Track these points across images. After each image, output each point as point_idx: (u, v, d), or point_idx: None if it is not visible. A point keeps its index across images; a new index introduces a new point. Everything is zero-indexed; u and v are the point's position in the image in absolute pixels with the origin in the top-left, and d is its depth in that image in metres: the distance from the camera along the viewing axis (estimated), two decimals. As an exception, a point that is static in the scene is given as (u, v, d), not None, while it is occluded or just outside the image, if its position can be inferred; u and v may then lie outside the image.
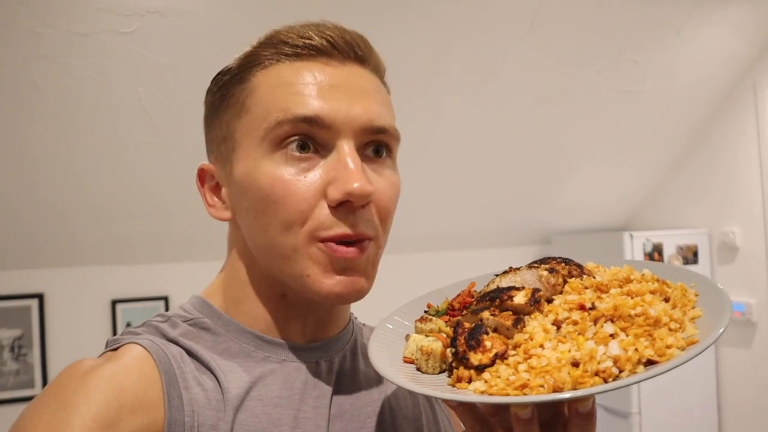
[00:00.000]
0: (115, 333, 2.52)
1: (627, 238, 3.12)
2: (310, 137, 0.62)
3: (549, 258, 0.64)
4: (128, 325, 2.67)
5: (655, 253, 3.15)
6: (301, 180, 0.61)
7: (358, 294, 0.64)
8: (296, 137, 0.61)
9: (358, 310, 0.84)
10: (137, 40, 1.99)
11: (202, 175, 0.71)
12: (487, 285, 0.63)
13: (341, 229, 0.61)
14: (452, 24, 2.31)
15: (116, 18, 1.92)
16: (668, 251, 3.19)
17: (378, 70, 0.69)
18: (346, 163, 0.60)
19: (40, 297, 2.57)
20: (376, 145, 0.65)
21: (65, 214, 2.42)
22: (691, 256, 3.22)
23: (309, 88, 0.62)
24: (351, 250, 0.61)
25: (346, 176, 0.60)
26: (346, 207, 0.61)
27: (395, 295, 0.80)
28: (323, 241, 0.61)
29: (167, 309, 2.69)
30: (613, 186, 3.49)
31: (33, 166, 2.22)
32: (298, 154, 0.61)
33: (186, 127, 2.21)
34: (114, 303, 2.68)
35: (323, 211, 0.61)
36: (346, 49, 0.64)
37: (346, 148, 0.61)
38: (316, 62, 0.63)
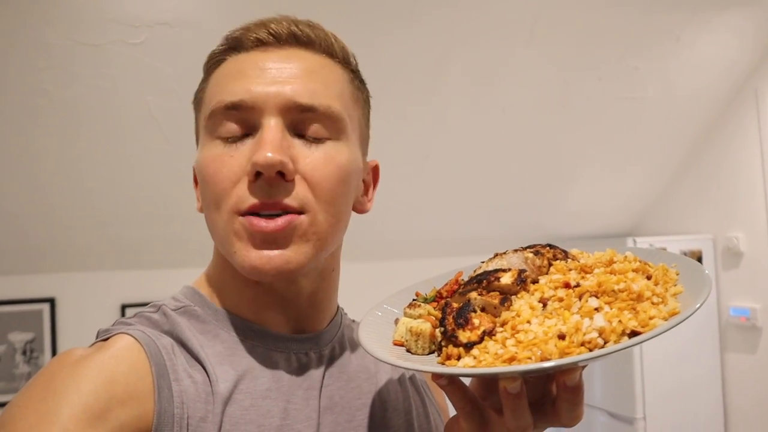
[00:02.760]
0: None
1: (631, 243, 3.13)
2: (239, 120, 0.64)
3: (534, 244, 0.67)
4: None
5: (659, 259, 3.15)
6: (227, 160, 0.63)
7: (283, 268, 0.62)
8: (227, 123, 0.64)
9: (356, 315, 0.85)
10: (146, 51, 2.03)
11: (195, 174, 0.73)
12: (475, 271, 0.65)
13: (256, 200, 0.61)
14: (453, 31, 2.35)
15: (125, 29, 1.96)
16: (672, 257, 3.19)
17: (331, 53, 0.69)
18: (261, 137, 0.61)
19: (51, 301, 2.61)
20: (311, 124, 0.64)
21: (76, 221, 2.46)
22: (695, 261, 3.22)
23: (240, 74, 0.65)
24: (269, 224, 0.61)
25: (259, 149, 0.60)
26: (262, 180, 0.61)
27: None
28: (243, 215, 0.62)
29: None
30: (617, 192, 3.50)
31: (45, 173, 2.26)
32: (227, 137, 0.64)
33: (194, 135, 2.25)
34: (124, 307, 2.71)
35: (243, 187, 0.62)
36: (285, 35, 0.66)
37: (271, 123, 0.62)
38: (256, 51, 0.67)
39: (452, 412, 0.67)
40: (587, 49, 2.61)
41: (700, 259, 3.23)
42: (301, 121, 0.64)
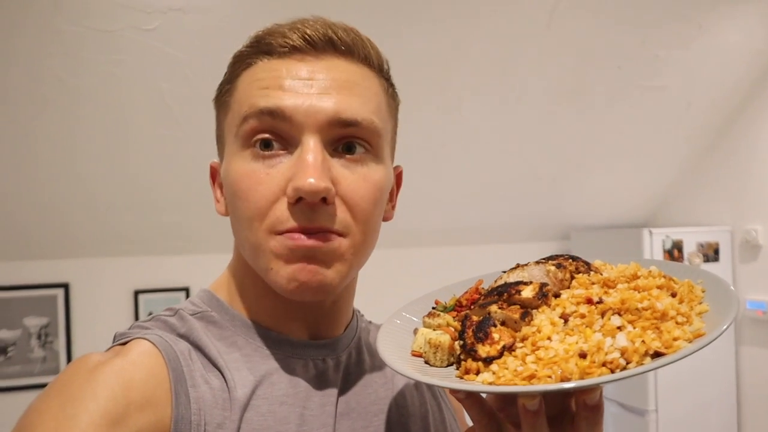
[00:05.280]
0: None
1: (646, 234, 3.09)
2: (275, 134, 0.61)
3: (557, 255, 0.65)
4: (150, 314, 2.72)
5: (675, 250, 3.12)
6: (263, 177, 0.60)
7: (320, 285, 0.61)
8: (262, 135, 0.61)
9: (374, 303, 0.84)
10: (159, 37, 2.02)
11: (213, 173, 0.72)
12: (495, 281, 0.64)
13: (296, 224, 0.59)
14: (471, 19, 2.31)
15: (138, 15, 1.95)
16: (688, 248, 3.16)
17: (368, 62, 0.66)
18: (303, 159, 0.59)
19: (65, 286, 2.63)
20: (348, 141, 0.62)
21: (90, 207, 2.47)
22: (712, 253, 3.18)
23: (276, 82, 0.61)
24: (309, 240, 0.60)
25: (301, 172, 0.58)
26: (303, 204, 0.59)
27: (413, 289, 0.80)
28: (280, 234, 0.60)
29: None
30: (634, 182, 3.46)
31: (59, 160, 2.27)
32: (262, 151, 0.61)
33: (208, 122, 2.23)
34: (137, 293, 2.74)
35: (281, 207, 0.60)
36: (324, 43, 0.63)
37: (311, 143, 0.60)
38: (291, 59, 0.62)
39: (467, 417, 0.66)
40: (607, 36, 2.56)
41: (717, 252, 3.19)
42: (341, 136, 0.62)
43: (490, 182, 3.10)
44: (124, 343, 0.61)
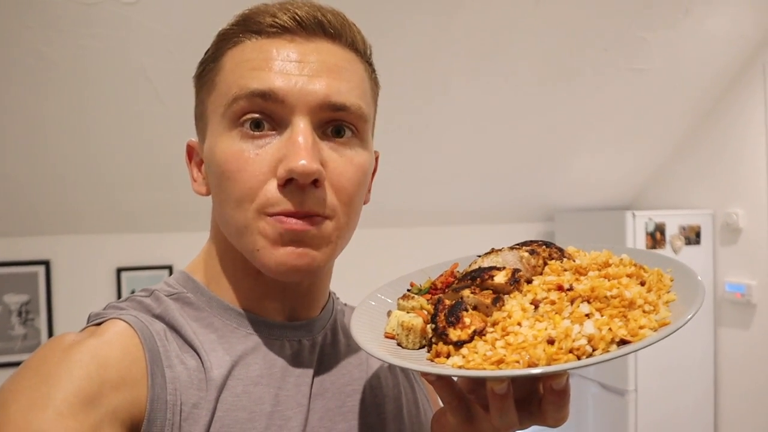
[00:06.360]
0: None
1: (629, 217, 3.12)
2: (265, 114, 0.61)
3: (531, 241, 0.66)
4: (132, 293, 2.72)
5: (658, 233, 3.15)
6: (253, 157, 0.60)
7: (309, 267, 0.62)
8: (251, 114, 0.61)
9: (356, 281, 0.84)
10: (141, 11, 1.98)
11: (190, 151, 0.73)
12: (470, 265, 0.65)
13: (286, 206, 0.60)
14: (458, -2, 2.29)
15: (120, -12, 1.91)
16: (671, 231, 3.19)
17: (355, 47, 0.67)
18: (295, 141, 0.59)
19: (46, 264, 2.61)
20: (337, 124, 0.63)
21: (72, 183, 2.44)
22: (693, 236, 3.22)
23: (267, 64, 0.61)
24: (299, 222, 0.60)
25: (293, 154, 0.59)
26: (293, 185, 0.60)
27: (397, 269, 0.80)
28: (271, 216, 0.61)
29: (171, 278, 2.73)
30: (618, 165, 3.47)
31: (39, 134, 2.23)
32: (252, 131, 0.61)
33: (190, 98, 2.20)
34: (119, 271, 2.72)
35: (271, 188, 0.60)
36: (313, 25, 0.63)
37: (301, 125, 0.60)
38: (281, 39, 0.62)
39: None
40: (593, 18, 2.54)
41: (698, 235, 3.23)
42: (330, 120, 0.63)
43: (475, 163, 3.10)
44: (99, 324, 0.61)
